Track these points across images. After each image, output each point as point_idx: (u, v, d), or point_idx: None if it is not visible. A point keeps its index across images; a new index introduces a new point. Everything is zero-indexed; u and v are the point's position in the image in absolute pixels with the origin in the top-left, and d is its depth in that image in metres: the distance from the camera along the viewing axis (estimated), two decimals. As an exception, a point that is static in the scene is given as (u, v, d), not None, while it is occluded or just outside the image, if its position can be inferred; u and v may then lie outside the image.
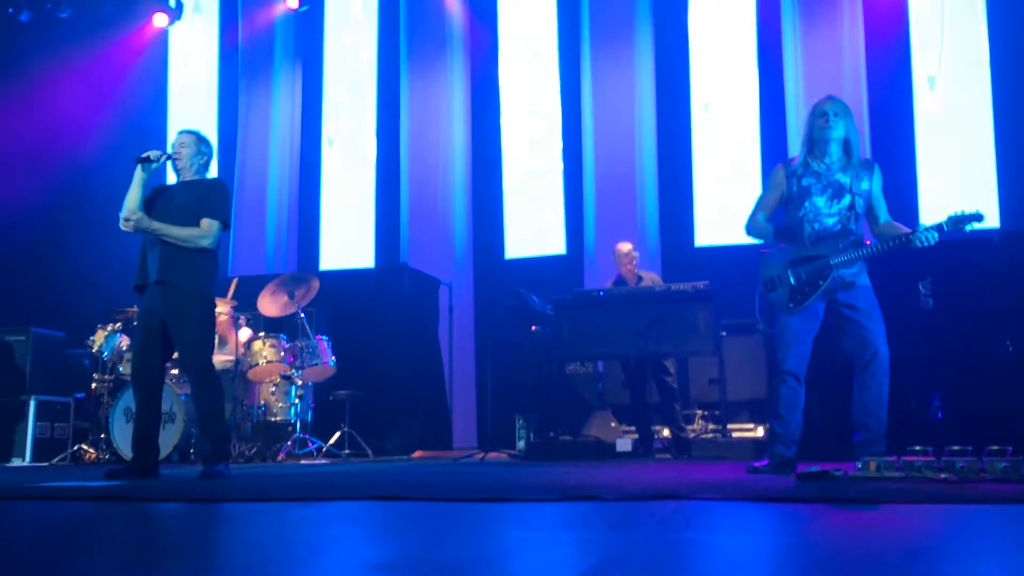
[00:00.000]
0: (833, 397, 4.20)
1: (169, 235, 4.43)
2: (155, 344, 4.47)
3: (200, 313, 4.47)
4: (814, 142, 4.09)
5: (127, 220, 4.44)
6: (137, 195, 4.52)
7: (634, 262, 6.81)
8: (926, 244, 3.89)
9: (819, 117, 4.05)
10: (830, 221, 4.06)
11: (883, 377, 3.99)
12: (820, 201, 4.06)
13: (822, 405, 5.50)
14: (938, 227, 3.89)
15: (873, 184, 4.09)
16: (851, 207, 4.04)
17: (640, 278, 6.78)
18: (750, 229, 4.28)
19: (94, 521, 2.59)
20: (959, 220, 3.88)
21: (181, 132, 4.76)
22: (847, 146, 4.06)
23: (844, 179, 4.05)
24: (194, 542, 2.14)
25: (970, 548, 1.80)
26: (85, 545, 2.05)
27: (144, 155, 4.56)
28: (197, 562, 1.79)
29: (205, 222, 4.49)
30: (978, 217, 3.88)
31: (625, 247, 6.86)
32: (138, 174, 4.53)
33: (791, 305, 4.09)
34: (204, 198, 4.53)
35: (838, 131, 4.02)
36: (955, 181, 7.86)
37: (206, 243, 4.49)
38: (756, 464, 4.18)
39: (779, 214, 4.29)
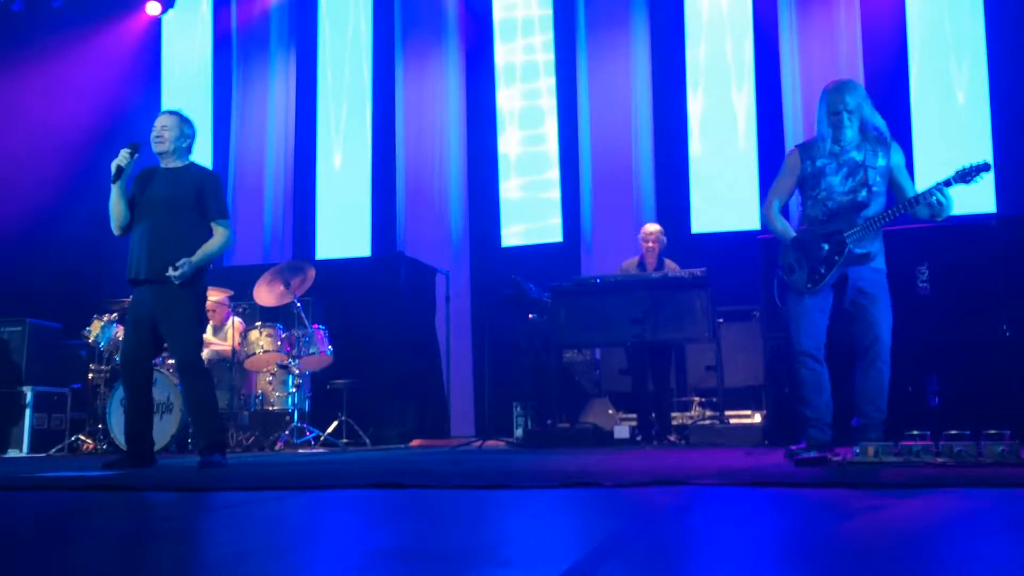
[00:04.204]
0: (832, 383, 4.18)
1: (206, 257, 4.42)
2: (145, 338, 4.43)
3: (190, 308, 4.42)
4: (827, 132, 4.05)
5: (181, 275, 4.28)
6: (121, 209, 4.44)
7: (658, 244, 6.73)
8: (940, 203, 3.84)
9: (833, 116, 4.01)
10: (845, 199, 4.04)
11: (883, 364, 3.96)
12: (835, 180, 4.05)
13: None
14: (945, 182, 3.87)
15: (892, 159, 4.07)
16: (865, 182, 4.02)
17: (662, 263, 6.72)
18: (766, 220, 4.29)
19: (91, 510, 2.59)
20: (966, 173, 3.88)
21: (163, 113, 4.60)
22: (863, 126, 4.04)
23: (858, 156, 4.04)
24: (191, 530, 2.14)
25: (968, 531, 1.80)
26: (82, 534, 2.04)
27: (115, 167, 4.37)
28: (194, 549, 1.79)
29: (218, 227, 4.48)
30: (986, 167, 3.86)
31: (652, 227, 6.83)
32: (116, 190, 4.41)
33: (810, 286, 4.05)
34: (203, 198, 4.45)
35: (853, 128, 4.01)
36: (952, 165, 7.83)
37: (230, 243, 4.58)
38: (793, 448, 3.93)
39: (804, 202, 4.24)
